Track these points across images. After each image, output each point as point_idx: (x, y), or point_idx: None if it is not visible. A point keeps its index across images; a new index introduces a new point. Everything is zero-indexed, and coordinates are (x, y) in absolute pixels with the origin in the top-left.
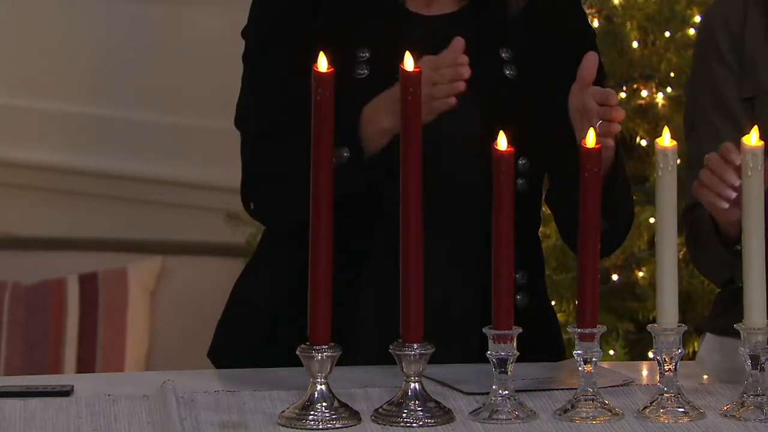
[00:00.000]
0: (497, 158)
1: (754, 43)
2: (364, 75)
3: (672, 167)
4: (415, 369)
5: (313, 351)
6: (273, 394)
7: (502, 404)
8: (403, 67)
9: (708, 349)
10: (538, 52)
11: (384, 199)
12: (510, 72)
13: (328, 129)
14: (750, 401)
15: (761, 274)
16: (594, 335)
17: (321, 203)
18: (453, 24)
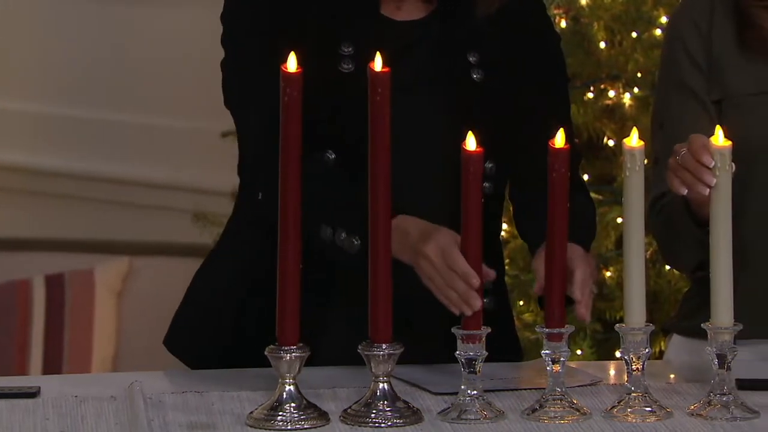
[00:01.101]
0: (465, 158)
1: (722, 47)
2: (350, 70)
3: (639, 167)
4: (384, 369)
5: (282, 351)
6: (241, 394)
7: (470, 404)
8: (371, 67)
9: (675, 349)
10: (505, 56)
11: None
12: (477, 75)
13: (296, 128)
14: (716, 400)
15: (728, 274)
16: (562, 335)
17: (289, 203)
18: (422, 29)
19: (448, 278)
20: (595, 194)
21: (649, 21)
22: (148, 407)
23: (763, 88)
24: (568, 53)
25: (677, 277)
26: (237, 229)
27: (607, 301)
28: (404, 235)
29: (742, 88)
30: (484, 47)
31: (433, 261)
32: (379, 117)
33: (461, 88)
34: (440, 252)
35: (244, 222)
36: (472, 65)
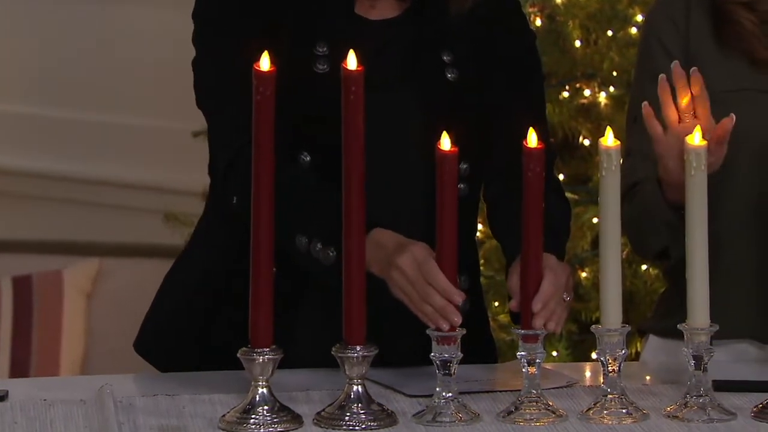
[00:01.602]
0: (440, 158)
1: (699, 43)
2: (325, 70)
3: (615, 167)
4: (358, 371)
5: (255, 353)
6: (213, 397)
7: (445, 406)
8: (344, 66)
9: (651, 350)
10: (479, 54)
11: None
12: (451, 75)
13: (269, 128)
14: (693, 402)
15: (704, 274)
16: (537, 336)
17: (262, 203)
18: (396, 28)
19: (423, 292)
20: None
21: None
22: (118, 411)
23: (741, 85)
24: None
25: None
26: (207, 230)
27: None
28: (378, 247)
29: (719, 84)
30: (458, 46)
31: (407, 273)
32: (352, 116)
33: (435, 88)
34: (415, 265)
35: (215, 223)
36: (447, 64)
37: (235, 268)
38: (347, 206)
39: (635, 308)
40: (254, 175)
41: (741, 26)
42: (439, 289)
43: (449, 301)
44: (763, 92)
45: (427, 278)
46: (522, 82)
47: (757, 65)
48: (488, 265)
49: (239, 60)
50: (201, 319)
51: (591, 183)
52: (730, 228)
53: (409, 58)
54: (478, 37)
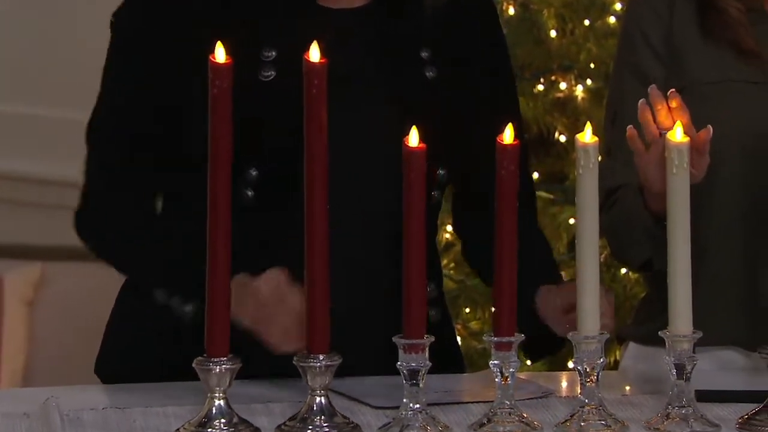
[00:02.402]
0: (407, 155)
1: (683, 34)
2: (271, 77)
3: (593, 165)
4: (321, 382)
5: (211, 363)
6: (167, 410)
7: (413, 419)
8: (306, 58)
9: (631, 358)
10: (456, 52)
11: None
12: (430, 74)
13: (227, 122)
14: (675, 413)
15: (687, 278)
16: (511, 344)
17: (219, 207)
18: (364, 18)
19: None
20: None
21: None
22: (64, 425)
23: (727, 76)
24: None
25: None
26: None
27: None
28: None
29: (704, 75)
30: (436, 43)
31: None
32: (315, 112)
33: (412, 87)
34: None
35: None
36: (425, 62)
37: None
38: (309, 206)
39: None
40: (210, 175)
41: (727, 14)
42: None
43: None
44: (750, 83)
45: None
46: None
47: (744, 55)
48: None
49: (142, 86)
50: (168, 339)
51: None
52: (715, 230)
53: (379, 52)
54: (453, 33)
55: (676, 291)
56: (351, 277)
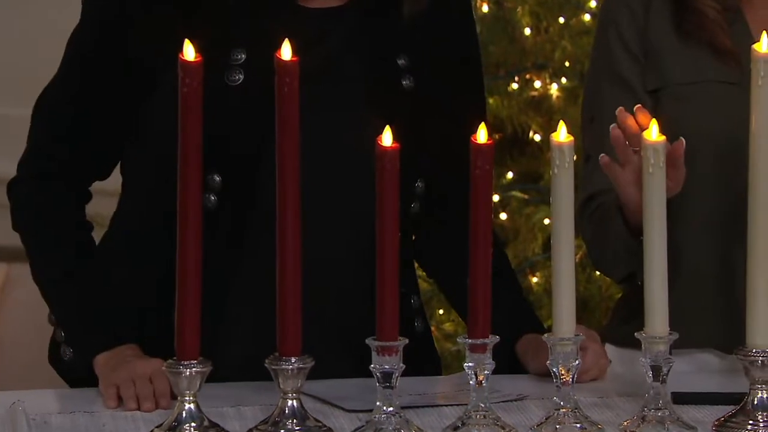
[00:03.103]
0: (380, 155)
1: (660, 34)
2: (238, 81)
3: (569, 164)
4: (293, 385)
5: (181, 366)
6: (135, 414)
7: (386, 422)
8: (278, 56)
9: None
10: (433, 60)
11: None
12: (407, 82)
13: (197, 122)
14: (651, 415)
15: (663, 279)
16: (486, 346)
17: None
18: (341, 18)
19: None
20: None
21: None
22: (32, 429)
23: (703, 77)
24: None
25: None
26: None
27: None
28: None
29: (680, 76)
30: (413, 50)
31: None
32: (287, 111)
33: (388, 95)
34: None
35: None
36: (402, 70)
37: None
38: (281, 206)
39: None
40: (180, 177)
41: (703, 14)
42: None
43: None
44: (727, 84)
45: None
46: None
47: (721, 55)
48: None
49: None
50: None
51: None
52: (691, 230)
53: (355, 53)
54: (431, 40)
55: (653, 292)
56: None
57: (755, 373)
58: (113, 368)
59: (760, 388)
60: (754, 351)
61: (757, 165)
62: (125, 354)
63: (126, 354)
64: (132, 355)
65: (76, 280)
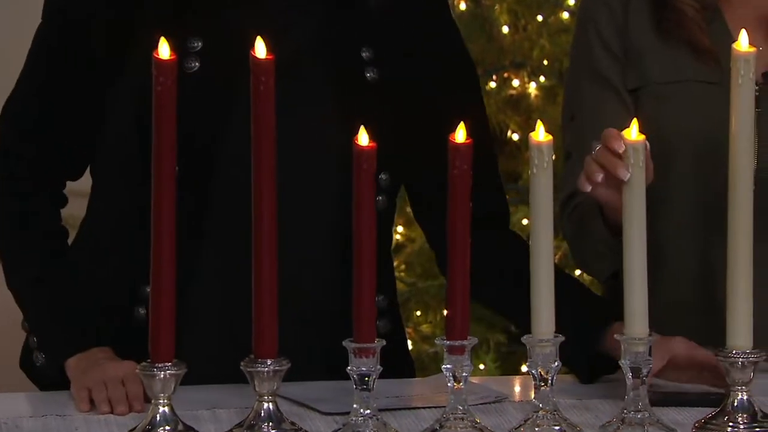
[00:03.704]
0: (357, 154)
1: (639, 32)
2: (194, 69)
3: (547, 164)
4: (269, 387)
5: (155, 369)
6: (109, 417)
7: (363, 425)
8: (253, 54)
9: None
10: (403, 51)
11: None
12: (371, 75)
13: (171, 121)
14: (631, 417)
15: (643, 279)
16: (464, 348)
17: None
18: (303, 8)
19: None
20: None
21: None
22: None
23: (680, 76)
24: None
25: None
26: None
27: None
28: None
29: (660, 75)
30: (379, 42)
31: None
32: (262, 110)
33: (352, 87)
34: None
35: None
36: (366, 62)
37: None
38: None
39: None
40: (155, 180)
41: (682, 13)
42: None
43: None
44: (706, 83)
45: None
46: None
47: (699, 54)
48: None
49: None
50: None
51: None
52: (671, 230)
53: (318, 45)
54: (400, 30)
55: (632, 292)
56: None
57: (735, 375)
58: (84, 371)
59: (740, 390)
60: (735, 352)
61: (737, 165)
62: (97, 356)
63: (98, 356)
64: (104, 357)
65: (47, 284)
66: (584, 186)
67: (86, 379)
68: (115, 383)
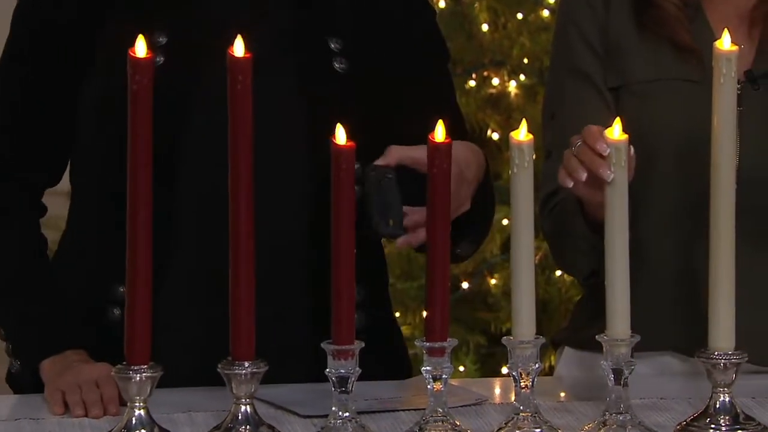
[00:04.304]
0: (336, 153)
1: (620, 30)
2: (159, 63)
3: (528, 163)
4: (246, 390)
5: (131, 372)
6: (83, 421)
7: (342, 427)
8: (230, 52)
9: (566, 363)
10: (373, 41)
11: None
12: (340, 65)
13: (146, 121)
14: (613, 420)
15: (625, 280)
16: (444, 349)
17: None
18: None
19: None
20: None
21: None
22: None
23: (662, 74)
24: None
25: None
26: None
27: (493, 311)
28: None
29: (641, 73)
30: (348, 32)
31: None
32: (240, 109)
33: (320, 78)
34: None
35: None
36: (334, 53)
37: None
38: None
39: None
40: (130, 174)
41: (663, 10)
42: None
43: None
44: (687, 81)
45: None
46: (426, 70)
47: (681, 52)
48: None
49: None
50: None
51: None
52: (653, 230)
53: (286, 37)
54: (370, 20)
55: (614, 293)
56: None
57: (717, 377)
58: (59, 373)
59: (722, 392)
60: (717, 354)
61: (719, 165)
62: (71, 359)
63: (72, 359)
64: (78, 360)
65: (20, 288)
66: (566, 182)
67: (60, 382)
68: (90, 386)
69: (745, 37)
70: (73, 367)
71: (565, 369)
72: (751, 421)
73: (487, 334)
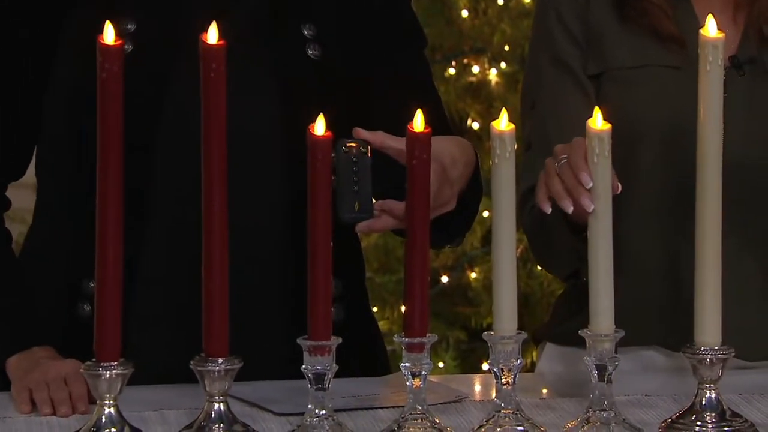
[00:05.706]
0: (312, 144)
1: (601, 17)
2: (128, 51)
3: (510, 154)
4: (220, 387)
5: (101, 369)
6: (51, 419)
7: (318, 426)
8: (203, 39)
9: (548, 360)
10: (348, 26)
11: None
12: (313, 52)
13: (117, 111)
14: (596, 417)
15: (608, 274)
16: (423, 345)
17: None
18: None
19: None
20: None
21: None
22: None
23: (644, 61)
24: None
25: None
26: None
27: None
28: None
29: (621, 60)
30: (321, 17)
31: None
32: (213, 98)
33: (294, 66)
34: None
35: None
36: (308, 39)
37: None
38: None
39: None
40: (99, 165)
41: (645, 1)
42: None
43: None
44: (671, 68)
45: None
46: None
47: (663, 40)
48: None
49: None
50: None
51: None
52: (636, 221)
53: (259, 23)
54: (345, 8)
55: (598, 287)
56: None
57: (704, 372)
58: (26, 370)
59: (708, 388)
60: (703, 349)
61: (705, 155)
62: (38, 355)
63: (39, 355)
64: (46, 356)
65: None
66: (545, 206)
67: (27, 379)
68: (58, 383)
69: (729, 22)
70: (41, 363)
71: (547, 365)
72: (738, 418)
73: (468, 329)
